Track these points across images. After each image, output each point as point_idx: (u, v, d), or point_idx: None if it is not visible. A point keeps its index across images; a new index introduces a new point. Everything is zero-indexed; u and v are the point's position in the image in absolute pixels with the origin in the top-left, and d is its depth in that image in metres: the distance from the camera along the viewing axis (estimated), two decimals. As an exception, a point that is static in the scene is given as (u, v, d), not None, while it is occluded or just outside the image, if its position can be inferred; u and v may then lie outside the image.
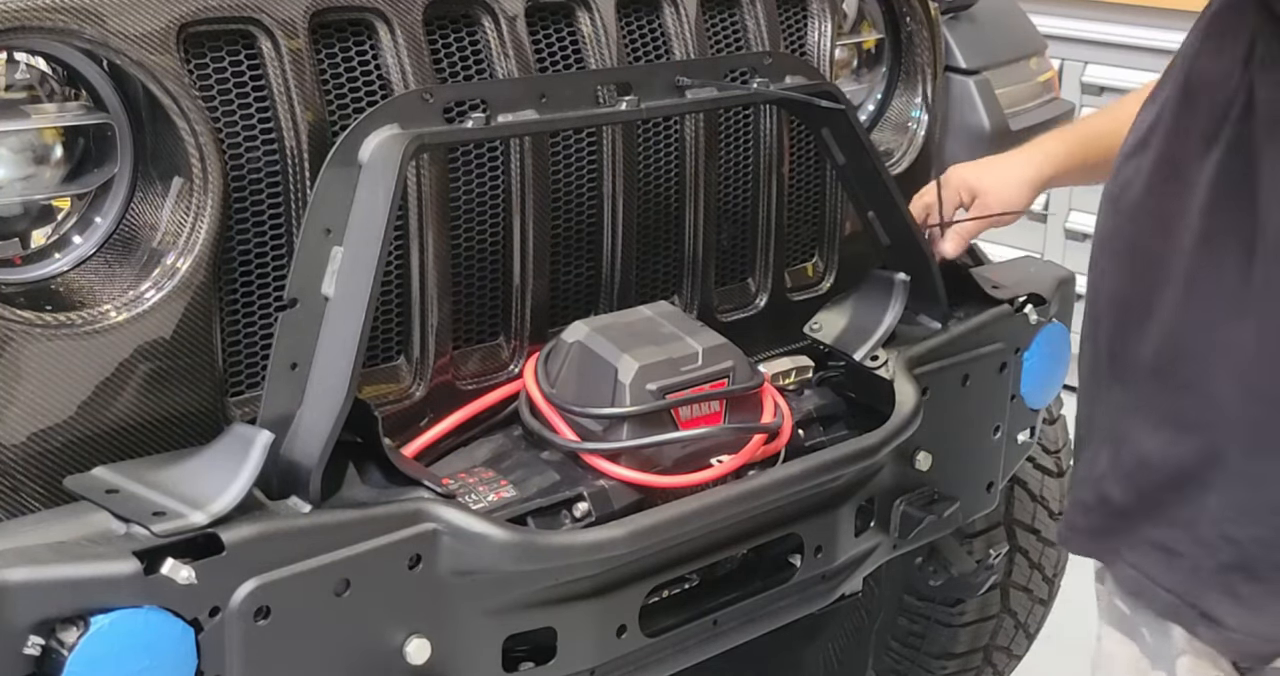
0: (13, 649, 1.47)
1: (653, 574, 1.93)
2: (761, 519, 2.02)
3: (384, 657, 1.70)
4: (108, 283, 1.74)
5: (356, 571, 1.65)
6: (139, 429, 1.73)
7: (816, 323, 2.32)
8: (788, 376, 2.25)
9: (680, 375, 1.97)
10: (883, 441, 2.09)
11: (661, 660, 2.01)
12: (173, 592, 1.53)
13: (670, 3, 2.19)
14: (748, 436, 2.02)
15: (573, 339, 1.99)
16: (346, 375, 1.66)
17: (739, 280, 2.36)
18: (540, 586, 1.81)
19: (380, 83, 1.89)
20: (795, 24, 2.39)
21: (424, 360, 1.96)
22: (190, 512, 1.57)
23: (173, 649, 1.53)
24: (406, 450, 1.93)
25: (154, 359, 1.72)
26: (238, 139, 1.79)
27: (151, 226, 1.76)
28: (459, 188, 1.98)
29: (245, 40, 1.79)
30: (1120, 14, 4.78)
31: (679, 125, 2.19)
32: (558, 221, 2.08)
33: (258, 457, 1.62)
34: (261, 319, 1.84)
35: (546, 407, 1.97)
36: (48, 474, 1.66)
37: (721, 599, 2.08)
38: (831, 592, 2.23)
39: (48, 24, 1.62)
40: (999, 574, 2.84)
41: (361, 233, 1.70)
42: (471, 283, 2.02)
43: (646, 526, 1.85)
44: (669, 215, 2.21)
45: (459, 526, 1.71)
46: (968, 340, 2.33)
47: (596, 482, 1.93)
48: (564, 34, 2.08)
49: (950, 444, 2.30)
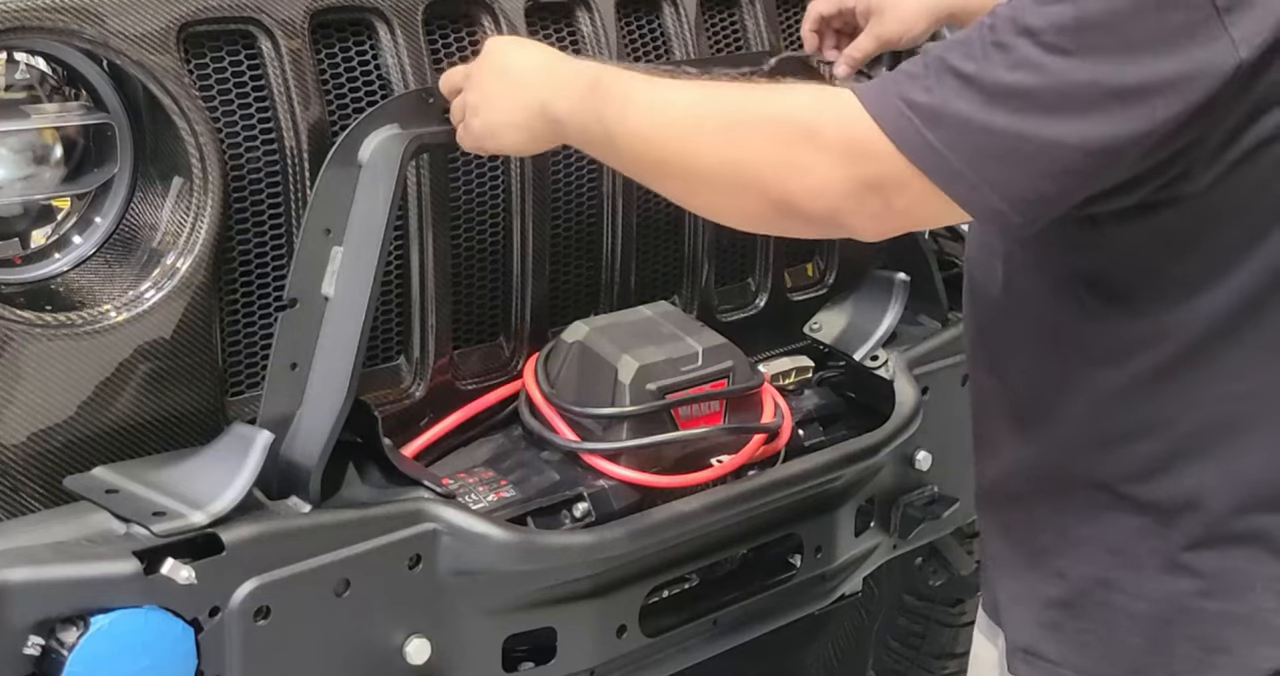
0: (13, 649, 1.47)
1: (653, 574, 1.93)
2: (761, 519, 2.02)
3: (384, 657, 1.70)
4: (108, 282, 1.74)
5: (356, 571, 1.65)
6: (139, 429, 1.72)
7: (816, 323, 2.32)
8: (788, 376, 2.25)
9: (680, 375, 1.96)
10: (883, 441, 2.09)
11: (661, 660, 2.01)
12: (173, 592, 1.53)
13: (670, 3, 2.19)
14: (747, 436, 2.02)
15: (573, 339, 1.99)
16: (346, 375, 1.66)
17: (739, 280, 2.36)
18: (540, 586, 1.81)
19: (380, 83, 1.89)
20: (795, 24, 2.39)
21: (424, 360, 1.96)
22: (190, 512, 1.57)
23: (173, 649, 1.53)
24: (406, 450, 1.92)
25: (154, 359, 1.72)
26: (238, 139, 1.79)
27: (151, 226, 1.76)
28: (459, 188, 1.98)
29: (245, 40, 1.79)
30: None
31: (679, 125, 2.19)
32: (558, 221, 2.08)
33: (258, 457, 1.62)
34: (261, 319, 1.84)
35: (546, 408, 1.97)
36: (48, 474, 1.66)
37: (721, 599, 2.08)
38: (831, 592, 2.24)
39: (48, 24, 1.62)
40: (999, 574, 2.84)
41: (361, 233, 1.70)
42: (471, 283, 2.02)
43: (646, 526, 1.85)
44: (669, 215, 2.21)
45: (459, 526, 1.71)
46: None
47: (596, 482, 1.93)
48: (564, 34, 2.08)
49: (950, 444, 2.30)
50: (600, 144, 1.55)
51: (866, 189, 1.38)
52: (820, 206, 1.40)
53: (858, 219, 1.41)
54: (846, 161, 1.38)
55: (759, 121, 1.44)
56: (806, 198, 1.40)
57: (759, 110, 1.45)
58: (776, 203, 1.42)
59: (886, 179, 1.37)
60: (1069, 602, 1.59)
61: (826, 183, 1.38)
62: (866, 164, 1.37)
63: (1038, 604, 1.61)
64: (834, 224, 1.42)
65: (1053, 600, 1.60)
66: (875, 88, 1.40)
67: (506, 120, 1.63)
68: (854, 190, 1.38)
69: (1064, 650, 1.59)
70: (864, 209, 1.39)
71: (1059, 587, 1.59)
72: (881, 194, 1.38)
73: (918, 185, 1.36)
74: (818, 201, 1.40)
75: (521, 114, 1.61)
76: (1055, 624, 1.60)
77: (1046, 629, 1.60)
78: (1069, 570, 1.58)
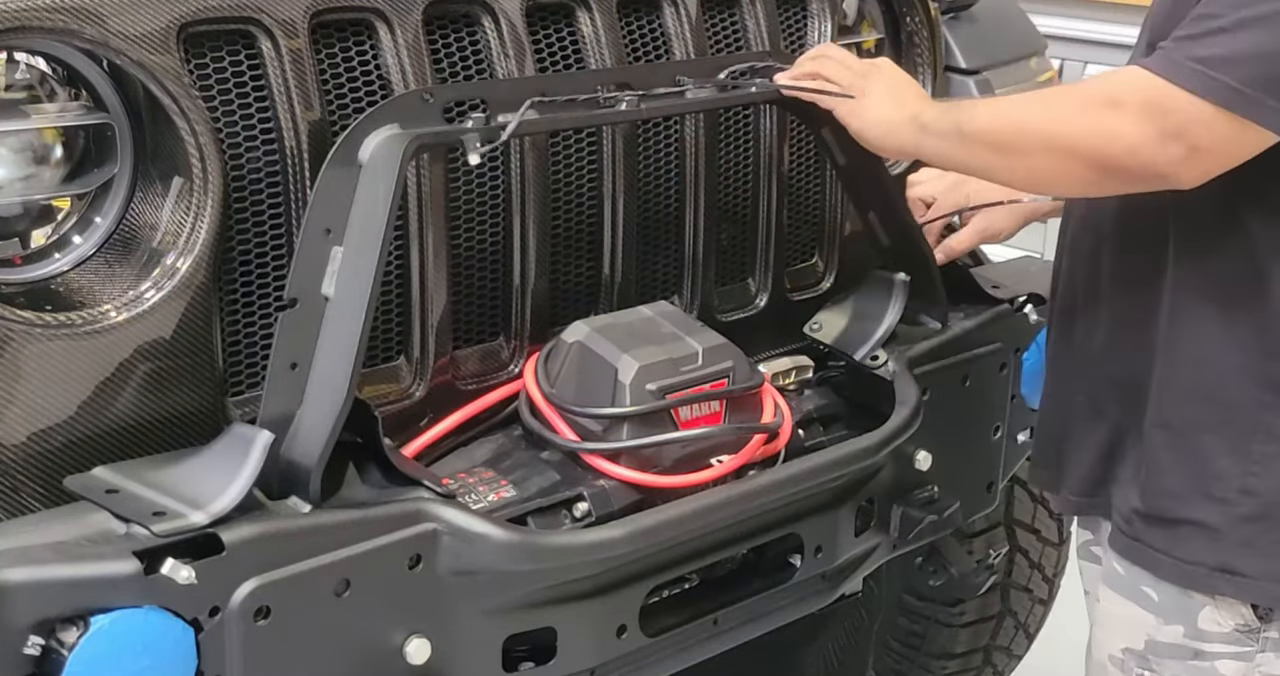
0: (13, 649, 1.47)
1: (653, 574, 1.93)
2: (761, 519, 2.02)
3: (384, 657, 1.70)
4: (108, 283, 1.74)
5: (356, 571, 1.65)
6: (139, 429, 1.72)
7: (816, 323, 2.32)
8: (788, 376, 2.25)
9: (680, 375, 1.96)
10: (883, 441, 2.09)
11: (661, 660, 2.01)
12: (173, 592, 1.53)
13: (670, 3, 2.19)
14: (748, 436, 2.02)
15: (573, 339, 1.99)
16: (346, 375, 1.66)
17: (739, 280, 2.36)
18: (540, 586, 1.81)
19: (380, 83, 1.89)
20: (795, 24, 2.39)
21: (424, 360, 1.96)
22: (190, 512, 1.57)
23: (173, 649, 1.53)
24: (406, 450, 1.92)
25: (154, 359, 1.72)
26: (238, 139, 1.79)
27: (151, 226, 1.76)
28: (459, 188, 1.98)
29: (245, 40, 1.79)
30: (1120, 14, 4.79)
31: (679, 125, 2.19)
32: (558, 221, 2.08)
33: (258, 457, 1.62)
34: (261, 319, 1.84)
35: (546, 407, 1.97)
36: (48, 474, 1.66)
37: (721, 599, 2.08)
38: (831, 592, 2.24)
39: (48, 24, 1.62)
40: (999, 574, 2.85)
41: (361, 233, 1.70)
42: (471, 283, 2.02)
43: (646, 526, 1.85)
44: (669, 215, 2.21)
45: (459, 526, 1.71)
46: (968, 340, 2.33)
47: (596, 482, 1.93)
48: (564, 34, 2.08)
49: (950, 444, 2.30)
50: (953, 141, 1.89)
51: (1172, 138, 1.68)
52: (1137, 161, 1.70)
53: (1171, 166, 1.70)
54: (1149, 119, 1.68)
55: (1070, 103, 1.80)
56: (1125, 155, 1.71)
57: (1068, 95, 1.86)
58: (1100, 166, 1.74)
59: (1188, 124, 1.67)
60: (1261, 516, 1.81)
61: (1136, 141, 1.69)
62: (1167, 117, 1.68)
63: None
64: (1154, 174, 1.72)
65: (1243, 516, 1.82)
66: (1159, 58, 1.71)
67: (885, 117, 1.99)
68: (1161, 141, 1.68)
69: (1261, 563, 1.81)
70: (1173, 156, 1.69)
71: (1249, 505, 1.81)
72: (1186, 139, 1.67)
73: (1220, 123, 1.66)
74: (1135, 157, 1.70)
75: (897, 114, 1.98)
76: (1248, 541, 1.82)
77: (1239, 546, 1.81)
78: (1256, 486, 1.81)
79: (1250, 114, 1.66)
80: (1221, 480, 1.82)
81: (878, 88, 2.00)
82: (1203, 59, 1.66)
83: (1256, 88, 1.64)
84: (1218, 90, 1.65)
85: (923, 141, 1.94)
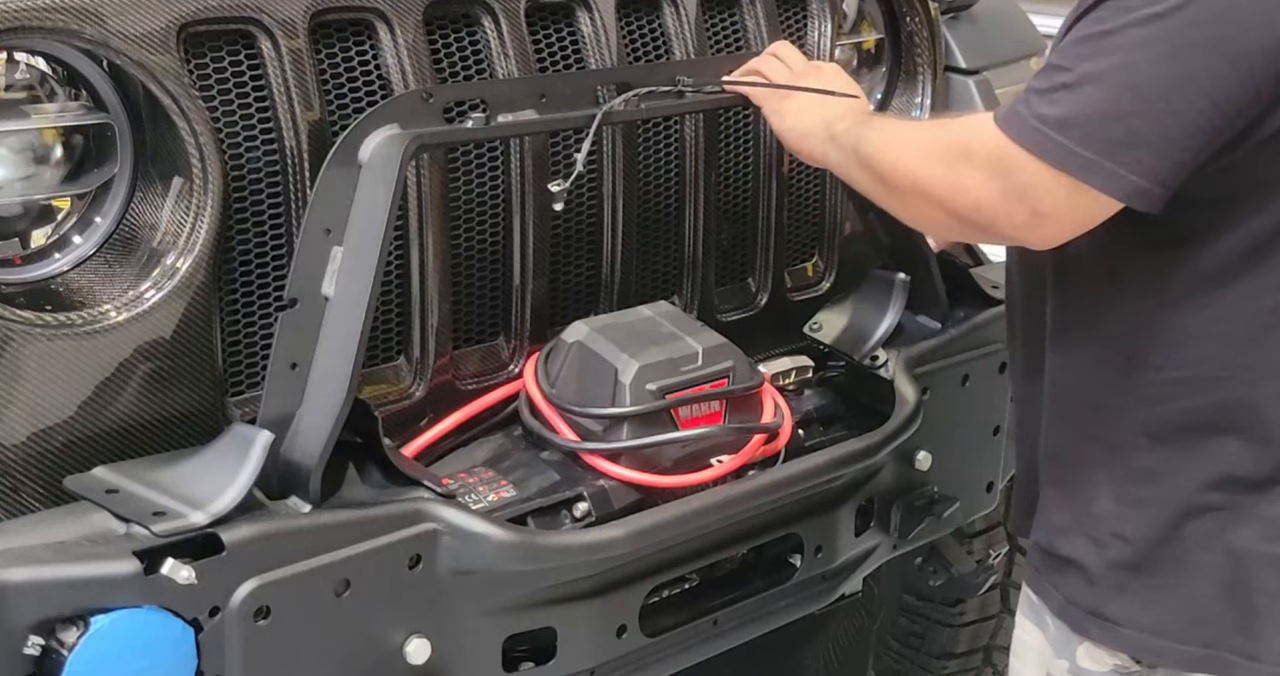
0: (13, 649, 1.47)
1: (653, 574, 1.93)
2: (761, 519, 2.02)
3: (384, 657, 1.70)
4: (108, 283, 1.74)
5: (356, 571, 1.65)
6: (139, 429, 1.72)
7: (816, 322, 2.32)
8: (788, 376, 2.25)
9: (680, 375, 1.96)
10: (883, 441, 2.09)
11: (661, 660, 2.01)
12: (173, 592, 1.53)
13: (670, 3, 2.19)
14: (748, 436, 2.02)
15: (573, 339, 1.99)
16: (346, 375, 1.66)
17: (739, 280, 2.36)
18: (540, 586, 1.81)
19: (380, 83, 1.89)
20: (795, 24, 2.39)
21: (424, 360, 1.96)
22: (190, 512, 1.57)
23: (173, 649, 1.53)
24: (406, 450, 1.93)
25: (154, 359, 1.72)
26: (238, 139, 1.79)
27: (151, 226, 1.76)
28: (459, 188, 1.98)
29: (245, 40, 1.79)
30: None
31: (679, 125, 2.19)
32: (558, 221, 2.08)
33: (258, 457, 1.62)
34: (261, 319, 1.84)
35: (546, 407, 1.97)
36: (48, 474, 1.66)
37: (721, 599, 2.08)
38: (831, 592, 2.24)
39: (48, 24, 1.62)
40: (999, 574, 2.85)
41: (361, 233, 1.70)
42: (471, 283, 2.02)
43: (646, 526, 1.85)
44: (669, 215, 2.21)
45: (459, 526, 1.71)
46: (968, 340, 2.33)
47: (596, 482, 1.93)
48: (564, 34, 2.08)
49: (950, 444, 2.30)
50: (851, 160, 1.82)
51: (1015, 199, 1.58)
52: (984, 218, 1.62)
53: (1015, 229, 1.62)
54: (995, 176, 1.59)
55: (937, 145, 1.68)
56: (972, 211, 1.62)
57: (938, 134, 1.72)
58: (955, 215, 1.65)
59: (1029, 186, 1.57)
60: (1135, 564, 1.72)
61: (981, 198, 1.61)
62: (1011, 176, 1.58)
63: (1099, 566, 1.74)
64: (998, 233, 1.68)
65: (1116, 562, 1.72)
66: (1008, 112, 1.61)
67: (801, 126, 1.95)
68: (1005, 201, 1.59)
69: (1131, 610, 1.72)
70: (1017, 218, 1.59)
71: (1120, 550, 1.72)
72: (1028, 202, 1.58)
73: (1060, 187, 1.55)
74: (981, 214, 1.62)
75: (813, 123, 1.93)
76: (1120, 586, 1.72)
77: (1111, 591, 1.72)
78: (1128, 531, 1.71)
79: (1089, 179, 1.54)
80: (1100, 521, 1.74)
81: (800, 96, 1.97)
82: (1044, 117, 1.55)
83: (1095, 150, 1.53)
84: (1056, 152, 1.54)
85: (829, 152, 1.89)
